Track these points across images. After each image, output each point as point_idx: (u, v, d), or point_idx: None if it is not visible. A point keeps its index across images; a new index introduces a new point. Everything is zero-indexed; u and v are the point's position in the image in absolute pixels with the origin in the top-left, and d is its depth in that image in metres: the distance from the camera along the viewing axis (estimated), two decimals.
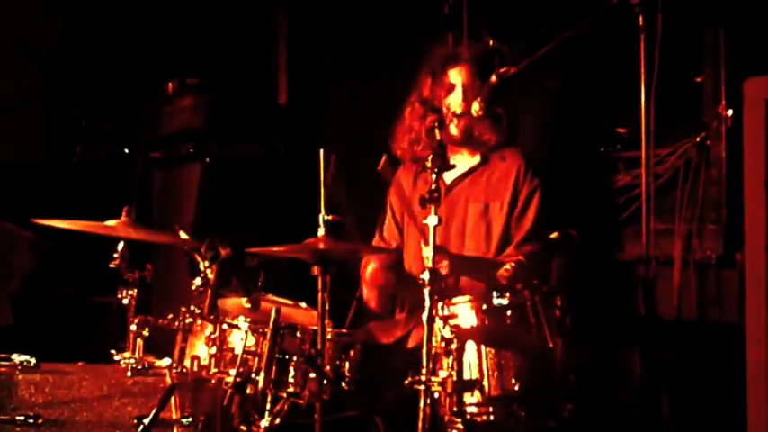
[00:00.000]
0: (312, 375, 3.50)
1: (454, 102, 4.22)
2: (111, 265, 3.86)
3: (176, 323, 3.74)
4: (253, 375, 3.53)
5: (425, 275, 3.32)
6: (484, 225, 4.18)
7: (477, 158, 4.28)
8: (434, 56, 4.35)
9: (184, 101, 5.99)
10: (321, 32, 6.01)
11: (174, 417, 3.68)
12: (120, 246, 3.85)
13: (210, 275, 3.59)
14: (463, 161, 4.28)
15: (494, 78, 4.13)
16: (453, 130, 4.21)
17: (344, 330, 3.78)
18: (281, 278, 3.94)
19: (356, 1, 5.80)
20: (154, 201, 6.02)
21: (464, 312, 3.42)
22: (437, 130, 3.64)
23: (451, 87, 4.24)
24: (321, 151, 3.72)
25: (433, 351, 3.31)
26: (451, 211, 4.20)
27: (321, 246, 3.55)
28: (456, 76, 4.25)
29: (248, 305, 3.64)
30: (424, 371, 3.28)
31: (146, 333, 3.74)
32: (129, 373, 3.74)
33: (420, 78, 4.35)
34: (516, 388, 3.38)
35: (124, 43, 6.35)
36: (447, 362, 3.32)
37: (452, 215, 4.20)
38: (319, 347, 3.46)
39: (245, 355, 3.57)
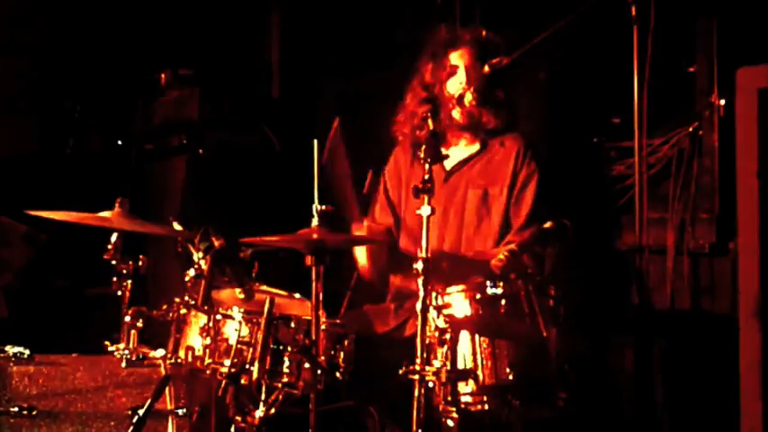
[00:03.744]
0: (306, 366, 3.50)
1: (457, 84, 4.19)
2: (105, 257, 3.86)
3: (170, 314, 3.74)
4: (247, 366, 3.53)
5: (419, 265, 3.32)
6: (484, 210, 4.17)
7: (476, 145, 4.27)
8: (435, 40, 4.32)
9: (177, 92, 5.98)
10: (314, 24, 6.00)
11: (169, 408, 3.69)
12: (114, 237, 3.85)
13: (204, 266, 3.59)
14: (463, 148, 4.27)
15: (486, 68, 4.13)
16: (456, 114, 4.20)
17: (338, 321, 3.78)
18: (277, 268, 3.94)
19: None
20: (147, 192, 6.01)
21: (458, 302, 3.42)
22: (430, 120, 3.64)
23: (453, 70, 4.22)
24: (315, 142, 3.71)
25: (427, 341, 3.32)
26: (450, 198, 4.19)
27: (315, 236, 3.55)
28: (458, 58, 4.22)
29: (242, 296, 3.64)
30: (418, 360, 3.29)
31: (140, 324, 3.73)
32: (123, 365, 3.74)
33: (421, 63, 4.33)
34: (510, 377, 3.39)
35: (117, 35, 6.33)
36: (441, 351, 3.33)
37: (451, 201, 4.19)
38: (313, 338, 3.47)
39: (239, 346, 3.57)
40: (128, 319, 3.74)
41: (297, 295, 3.90)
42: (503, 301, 3.44)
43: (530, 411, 3.43)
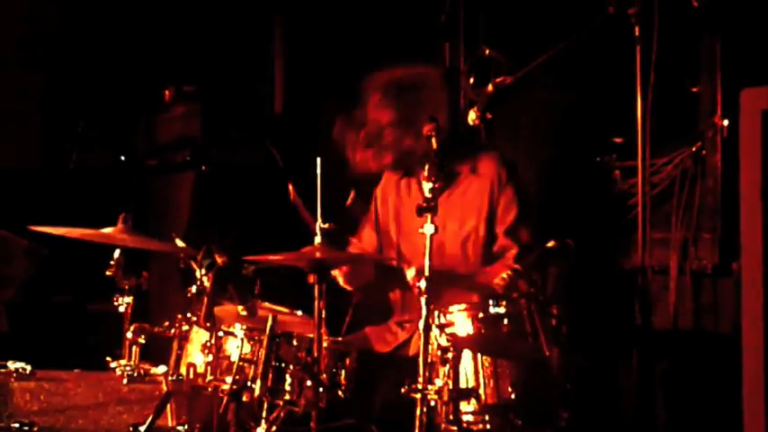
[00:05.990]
0: (308, 383, 3.50)
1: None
2: (108, 273, 3.86)
3: (172, 331, 3.74)
4: (249, 383, 3.53)
5: (422, 284, 3.32)
6: (463, 241, 4.15)
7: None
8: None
9: (181, 109, 5.99)
10: (317, 40, 6.01)
11: (170, 424, 3.68)
12: (117, 253, 3.85)
13: (207, 283, 3.59)
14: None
15: (490, 87, 4.13)
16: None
17: (340, 339, 3.77)
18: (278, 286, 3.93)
19: (353, 9, 5.79)
20: (150, 208, 6.02)
21: (460, 321, 3.42)
22: (434, 139, 3.63)
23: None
24: (318, 159, 3.72)
25: (429, 359, 3.31)
26: None
27: (317, 254, 3.55)
28: (372, 105, 4.23)
29: (244, 313, 3.64)
30: (420, 379, 3.28)
31: (141, 340, 3.74)
32: (124, 381, 3.74)
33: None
34: (512, 396, 3.39)
35: (121, 51, 6.35)
36: (443, 370, 3.33)
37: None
38: (315, 355, 3.46)
39: (241, 363, 3.57)
40: (129, 335, 3.74)
41: (299, 312, 3.90)
42: (505, 321, 3.44)
43: (531, 431, 3.42)
